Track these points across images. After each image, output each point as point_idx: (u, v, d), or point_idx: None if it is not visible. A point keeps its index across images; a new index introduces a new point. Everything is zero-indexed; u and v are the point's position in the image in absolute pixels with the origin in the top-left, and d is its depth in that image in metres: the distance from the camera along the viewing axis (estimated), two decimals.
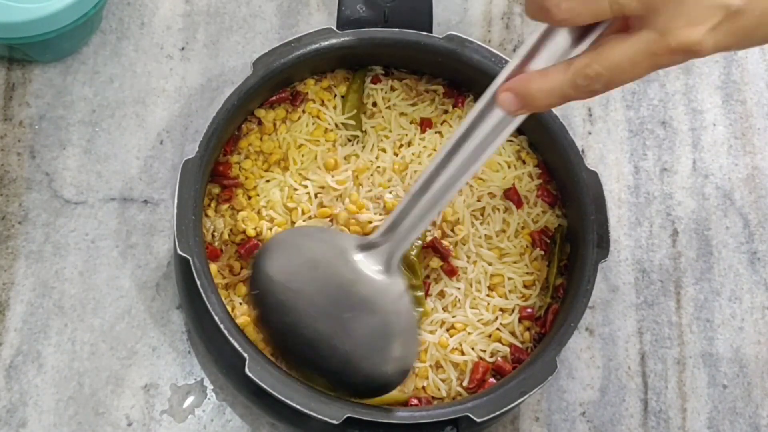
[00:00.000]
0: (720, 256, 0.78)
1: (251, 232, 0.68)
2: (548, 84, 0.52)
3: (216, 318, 0.61)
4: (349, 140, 0.72)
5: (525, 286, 0.69)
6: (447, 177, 0.57)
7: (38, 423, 0.68)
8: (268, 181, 0.70)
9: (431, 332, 0.67)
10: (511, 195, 0.71)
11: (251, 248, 0.67)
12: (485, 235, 0.70)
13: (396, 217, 0.60)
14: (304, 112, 0.72)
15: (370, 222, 0.68)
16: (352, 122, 0.72)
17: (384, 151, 0.71)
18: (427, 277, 0.68)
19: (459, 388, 0.66)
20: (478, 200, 0.71)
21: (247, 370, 0.60)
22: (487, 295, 0.69)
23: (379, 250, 0.61)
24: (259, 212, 0.69)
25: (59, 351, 0.70)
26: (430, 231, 0.69)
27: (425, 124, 0.73)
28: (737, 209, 0.79)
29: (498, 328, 0.68)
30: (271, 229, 0.68)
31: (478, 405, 0.62)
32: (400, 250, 0.61)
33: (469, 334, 0.68)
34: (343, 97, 0.73)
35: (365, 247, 0.62)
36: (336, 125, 0.72)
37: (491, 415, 0.61)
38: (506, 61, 0.70)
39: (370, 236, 0.63)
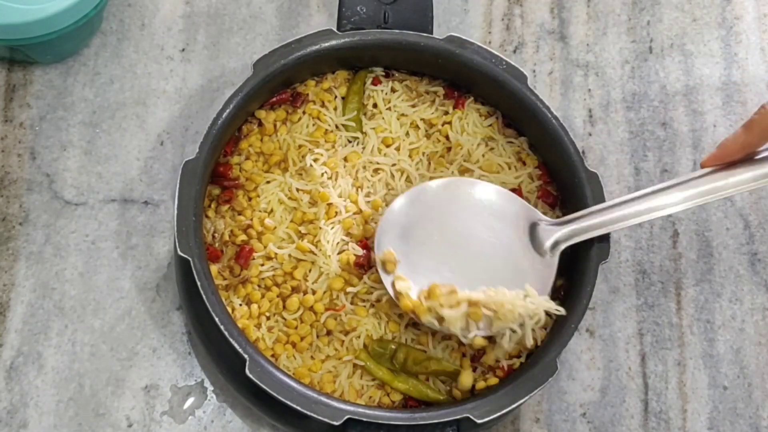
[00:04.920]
0: (720, 257, 0.78)
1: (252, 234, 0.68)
2: None
3: (216, 319, 0.61)
4: (350, 141, 0.72)
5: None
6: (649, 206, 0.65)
7: (39, 424, 0.68)
8: (268, 182, 0.70)
9: None
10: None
11: (248, 253, 0.67)
12: None
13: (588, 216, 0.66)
14: (304, 113, 0.72)
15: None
16: (353, 123, 0.72)
17: (382, 151, 0.71)
18: None
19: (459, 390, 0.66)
20: None
21: (247, 372, 0.60)
22: None
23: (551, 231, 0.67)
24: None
25: (59, 352, 0.70)
26: None
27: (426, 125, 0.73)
28: (737, 210, 0.79)
29: None
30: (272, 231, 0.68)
31: (478, 406, 0.62)
32: (571, 241, 0.66)
33: None
34: (343, 98, 0.73)
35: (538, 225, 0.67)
36: (336, 126, 0.72)
37: (492, 416, 0.61)
38: (506, 62, 0.70)
39: (551, 219, 0.68)
